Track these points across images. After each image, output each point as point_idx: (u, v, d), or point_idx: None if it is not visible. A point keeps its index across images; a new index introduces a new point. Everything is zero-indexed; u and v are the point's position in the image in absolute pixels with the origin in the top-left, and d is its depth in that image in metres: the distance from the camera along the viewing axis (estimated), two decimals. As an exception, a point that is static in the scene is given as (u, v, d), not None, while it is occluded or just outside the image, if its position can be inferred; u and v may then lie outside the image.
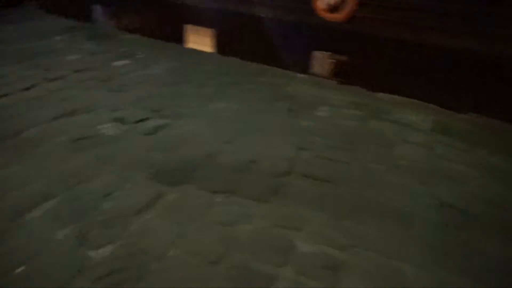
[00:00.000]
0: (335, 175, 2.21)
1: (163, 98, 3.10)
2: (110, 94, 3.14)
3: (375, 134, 2.67)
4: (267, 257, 1.68)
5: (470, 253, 1.75)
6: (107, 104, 2.95)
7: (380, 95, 3.32)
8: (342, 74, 3.62)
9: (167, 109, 2.91)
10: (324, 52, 3.66)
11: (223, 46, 4.26)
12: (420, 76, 3.27)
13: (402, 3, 3.20)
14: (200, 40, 4.42)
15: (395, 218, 1.92)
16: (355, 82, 3.50)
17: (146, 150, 2.40)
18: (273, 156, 2.37)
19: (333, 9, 3.47)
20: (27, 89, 3.13)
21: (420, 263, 1.69)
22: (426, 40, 3.17)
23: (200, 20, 4.37)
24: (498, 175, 2.32)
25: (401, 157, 2.42)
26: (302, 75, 3.70)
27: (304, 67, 3.78)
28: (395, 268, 1.66)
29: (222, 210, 1.93)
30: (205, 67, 3.81)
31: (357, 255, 1.70)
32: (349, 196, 2.06)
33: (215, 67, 3.83)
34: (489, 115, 3.00)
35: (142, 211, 1.90)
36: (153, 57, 4.03)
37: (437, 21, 3.09)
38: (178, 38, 4.53)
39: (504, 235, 1.86)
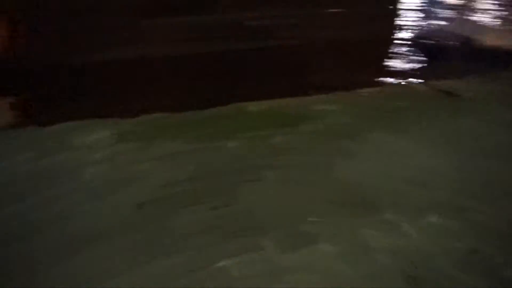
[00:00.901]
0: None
1: None
2: None
3: (46, 172, 2.45)
4: None
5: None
6: None
7: (57, 126, 3.09)
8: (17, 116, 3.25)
9: None
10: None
11: None
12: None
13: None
14: None
15: (88, 241, 1.88)
16: (32, 120, 3.17)
17: None
18: None
19: None
20: None
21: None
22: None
23: None
24: (174, 159, 2.64)
25: (88, 181, 2.36)
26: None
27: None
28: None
29: None
30: None
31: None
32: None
33: None
34: (159, 110, 3.39)
35: None
36: None
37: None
38: None
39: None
